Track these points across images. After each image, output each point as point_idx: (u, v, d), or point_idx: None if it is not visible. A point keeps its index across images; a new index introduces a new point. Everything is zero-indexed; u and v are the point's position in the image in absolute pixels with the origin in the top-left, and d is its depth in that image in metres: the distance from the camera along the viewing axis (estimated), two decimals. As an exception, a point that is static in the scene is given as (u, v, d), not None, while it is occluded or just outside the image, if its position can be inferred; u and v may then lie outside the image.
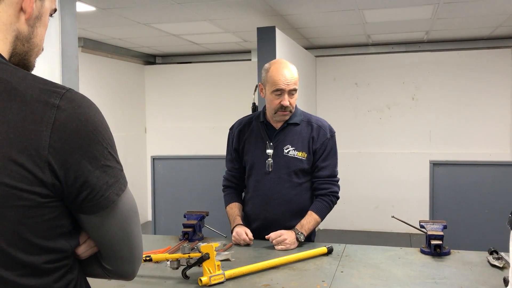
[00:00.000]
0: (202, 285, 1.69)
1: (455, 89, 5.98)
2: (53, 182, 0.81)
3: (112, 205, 0.88)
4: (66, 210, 0.86)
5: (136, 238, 0.96)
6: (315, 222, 2.27)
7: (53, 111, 0.81)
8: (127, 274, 0.99)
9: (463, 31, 5.42)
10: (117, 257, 0.96)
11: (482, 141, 5.90)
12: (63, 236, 0.87)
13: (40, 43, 0.95)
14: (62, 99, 0.82)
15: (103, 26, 4.89)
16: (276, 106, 2.27)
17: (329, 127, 2.40)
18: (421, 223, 2.17)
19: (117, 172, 0.89)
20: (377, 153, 6.29)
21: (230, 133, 2.49)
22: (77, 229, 0.91)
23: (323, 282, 1.73)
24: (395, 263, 1.94)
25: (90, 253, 0.95)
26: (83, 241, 0.93)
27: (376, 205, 6.27)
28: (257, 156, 2.33)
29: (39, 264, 0.83)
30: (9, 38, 0.88)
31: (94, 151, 0.85)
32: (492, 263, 1.88)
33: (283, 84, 2.24)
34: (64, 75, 2.63)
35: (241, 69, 6.55)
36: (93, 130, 0.85)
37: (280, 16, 4.46)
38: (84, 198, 0.85)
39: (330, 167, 2.34)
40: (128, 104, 6.62)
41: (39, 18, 0.93)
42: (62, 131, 0.81)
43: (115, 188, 0.88)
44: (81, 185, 0.84)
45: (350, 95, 6.36)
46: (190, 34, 5.37)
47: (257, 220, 2.36)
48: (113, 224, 0.91)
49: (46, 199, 0.81)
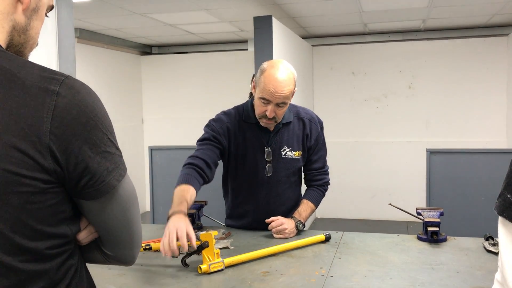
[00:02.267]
0: (202, 272, 1.71)
1: (451, 78, 6.00)
2: (55, 168, 0.82)
3: (113, 191, 0.89)
4: (67, 196, 0.87)
5: (135, 223, 0.98)
6: (311, 210, 2.31)
7: (53, 98, 0.81)
8: (127, 259, 1.01)
9: (459, 19, 5.42)
10: (117, 243, 0.97)
11: (479, 129, 5.92)
12: (65, 222, 0.88)
13: (35, 36, 0.95)
14: (61, 85, 0.83)
15: (99, 17, 4.87)
16: (260, 113, 2.12)
17: (318, 118, 2.36)
18: (418, 210, 2.19)
19: (117, 158, 0.90)
20: (374, 142, 6.31)
21: (215, 126, 2.22)
22: (77, 215, 0.92)
23: (321, 269, 1.75)
24: (392, 250, 1.96)
25: (91, 239, 0.96)
26: (83, 227, 0.94)
27: (373, 194, 6.30)
28: (256, 161, 2.23)
29: (42, 249, 0.84)
30: (6, 27, 0.88)
31: (94, 137, 0.86)
32: (488, 249, 1.91)
33: (271, 95, 2.04)
34: (61, 66, 2.63)
35: (237, 58, 6.54)
36: (93, 117, 0.86)
37: (276, 5, 4.44)
38: (85, 183, 0.86)
39: (322, 158, 2.37)
40: (125, 95, 6.60)
41: (36, 11, 0.93)
42: (62, 117, 0.82)
43: (115, 174, 0.89)
44: (82, 171, 0.85)
45: (347, 84, 6.36)
46: (187, 24, 5.35)
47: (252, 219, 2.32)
48: (113, 210, 0.92)
49: (48, 185, 0.82)
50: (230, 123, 2.22)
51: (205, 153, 2.13)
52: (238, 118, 2.24)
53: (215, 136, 2.19)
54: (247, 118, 2.23)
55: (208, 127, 2.24)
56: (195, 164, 2.08)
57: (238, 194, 2.34)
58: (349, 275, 1.69)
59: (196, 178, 2.04)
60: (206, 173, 2.10)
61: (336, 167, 5.60)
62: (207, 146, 2.17)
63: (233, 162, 2.26)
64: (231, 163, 2.27)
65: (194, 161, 2.09)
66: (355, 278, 1.67)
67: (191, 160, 2.11)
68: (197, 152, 2.14)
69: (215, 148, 2.17)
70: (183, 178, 2.03)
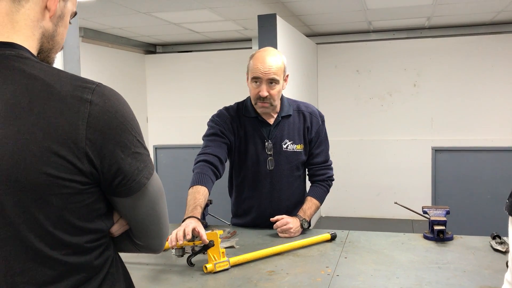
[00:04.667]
0: (207, 272, 1.71)
1: (457, 75, 5.97)
2: (91, 171, 0.90)
3: (143, 188, 0.98)
4: (102, 195, 0.96)
5: (163, 216, 1.07)
6: (316, 207, 2.30)
7: (87, 106, 0.89)
8: (156, 247, 1.10)
9: (465, 17, 5.39)
10: (147, 233, 1.06)
11: (484, 127, 5.89)
12: (100, 218, 0.97)
13: (61, 42, 1.03)
14: (93, 94, 0.90)
15: (103, 16, 4.87)
16: (254, 96, 2.17)
17: (319, 112, 2.37)
18: (424, 209, 2.18)
19: (146, 158, 0.99)
20: (379, 140, 6.29)
21: (219, 121, 2.24)
22: (111, 210, 1.01)
23: (327, 268, 1.75)
24: (398, 249, 1.96)
25: (123, 231, 1.05)
26: (115, 221, 1.03)
27: (378, 192, 6.28)
28: (257, 155, 2.25)
29: (82, 243, 0.93)
30: (36, 35, 0.95)
31: (125, 140, 0.93)
32: (495, 248, 1.89)
33: (261, 72, 2.11)
34: (66, 66, 2.63)
35: (242, 57, 6.49)
36: (123, 121, 0.93)
37: (280, 3, 4.43)
38: (118, 183, 0.94)
39: (324, 152, 2.35)
40: (129, 94, 6.60)
41: (62, 18, 1.01)
42: (96, 124, 0.89)
43: (145, 172, 0.98)
44: (115, 172, 0.93)
45: (351, 82, 6.35)
46: (191, 23, 5.35)
47: (257, 215, 2.33)
48: (144, 205, 1.01)
49: (86, 186, 0.91)
50: (232, 118, 2.26)
51: (216, 149, 2.16)
52: (239, 113, 2.28)
53: (222, 131, 2.22)
54: (247, 112, 2.26)
55: (213, 122, 2.26)
56: (209, 161, 2.11)
57: (243, 190, 2.34)
58: (355, 274, 1.69)
59: (210, 177, 2.07)
60: (219, 170, 2.14)
61: (341, 165, 5.60)
62: (216, 142, 2.19)
63: (237, 156, 2.28)
64: (235, 158, 2.29)
65: (208, 158, 2.12)
66: (361, 277, 1.66)
67: (205, 157, 2.13)
68: (208, 149, 2.16)
69: (223, 144, 2.20)
70: (197, 178, 2.05)
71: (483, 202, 3.57)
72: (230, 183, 2.42)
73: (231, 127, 2.24)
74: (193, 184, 2.04)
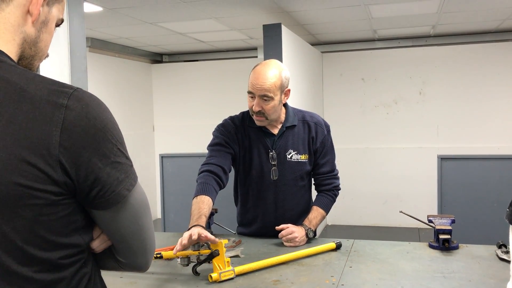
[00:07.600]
0: (212, 281, 1.71)
1: (462, 83, 5.96)
2: (65, 180, 0.83)
3: (123, 200, 0.90)
4: (79, 206, 0.89)
5: (148, 231, 0.99)
6: (322, 216, 2.29)
7: (62, 111, 0.82)
8: (140, 266, 1.02)
9: (469, 25, 5.39)
10: (130, 250, 0.98)
11: (490, 135, 5.88)
12: (77, 231, 0.89)
13: (44, 49, 0.97)
14: (70, 98, 0.84)
15: (110, 26, 4.93)
16: (249, 108, 2.18)
17: (324, 122, 2.36)
18: (429, 217, 2.18)
19: (127, 168, 0.91)
20: (384, 148, 6.29)
21: (224, 131, 2.25)
22: (90, 224, 0.93)
23: (332, 277, 1.75)
24: (403, 258, 1.95)
25: (104, 247, 0.97)
26: (96, 236, 0.95)
27: (384, 200, 6.27)
28: (261, 165, 2.25)
29: (55, 259, 0.86)
30: (17, 40, 0.90)
31: (104, 148, 0.86)
32: (500, 257, 1.89)
33: (253, 87, 2.12)
34: (73, 76, 2.66)
35: (247, 66, 6.50)
36: (102, 128, 0.86)
37: (285, 12, 4.46)
38: (96, 194, 0.87)
39: (330, 162, 2.35)
40: (136, 103, 6.65)
41: (45, 24, 0.94)
42: (71, 130, 0.82)
43: (126, 183, 0.90)
44: (92, 182, 0.86)
45: (357, 91, 6.36)
46: (196, 32, 5.39)
47: (262, 224, 2.33)
48: (125, 219, 0.93)
49: (59, 197, 0.84)
50: (237, 128, 2.26)
51: (220, 159, 2.16)
52: (244, 123, 2.28)
53: (226, 141, 2.22)
54: (251, 122, 2.26)
55: (217, 132, 2.27)
56: (212, 171, 2.11)
57: (247, 199, 2.35)
58: (360, 283, 1.69)
59: (213, 187, 2.07)
60: (223, 180, 2.14)
61: (347, 173, 5.59)
62: (221, 152, 2.19)
63: (241, 166, 2.28)
64: (239, 168, 2.29)
65: (211, 168, 2.12)
66: (366, 286, 1.66)
67: (208, 167, 2.13)
68: (213, 159, 2.17)
69: (227, 154, 2.21)
70: (201, 188, 2.05)
71: (490, 210, 3.55)
72: (235, 192, 2.42)
73: (235, 137, 2.24)
74: (197, 194, 2.04)
